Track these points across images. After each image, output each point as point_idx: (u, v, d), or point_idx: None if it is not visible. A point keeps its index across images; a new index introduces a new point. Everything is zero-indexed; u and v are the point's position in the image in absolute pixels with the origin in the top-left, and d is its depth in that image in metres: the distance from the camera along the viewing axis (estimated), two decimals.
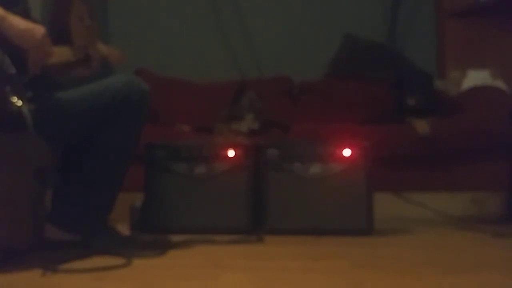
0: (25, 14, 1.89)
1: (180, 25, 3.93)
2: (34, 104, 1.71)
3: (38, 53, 1.78)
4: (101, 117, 1.96)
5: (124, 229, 2.24)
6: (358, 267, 1.76)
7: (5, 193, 1.65)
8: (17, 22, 1.75)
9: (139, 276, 1.63)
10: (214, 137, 2.98)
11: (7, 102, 1.62)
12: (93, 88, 2.00)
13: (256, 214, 2.40)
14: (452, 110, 3.17)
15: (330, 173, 2.39)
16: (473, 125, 2.99)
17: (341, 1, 3.91)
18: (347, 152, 2.39)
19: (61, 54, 2.34)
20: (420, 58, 3.66)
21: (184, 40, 3.92)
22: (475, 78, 3.50)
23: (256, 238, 2.23)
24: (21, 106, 1.63)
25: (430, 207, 2.88)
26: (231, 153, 2.42)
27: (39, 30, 1.77)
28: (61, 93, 1.98)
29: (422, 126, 2.96)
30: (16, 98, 1.64)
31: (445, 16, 3.78)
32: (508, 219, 2.76)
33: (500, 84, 3.42)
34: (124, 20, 3.94)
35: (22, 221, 1.70)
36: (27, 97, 1.67)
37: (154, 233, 2.31)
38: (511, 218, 2.77)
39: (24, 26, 1.76)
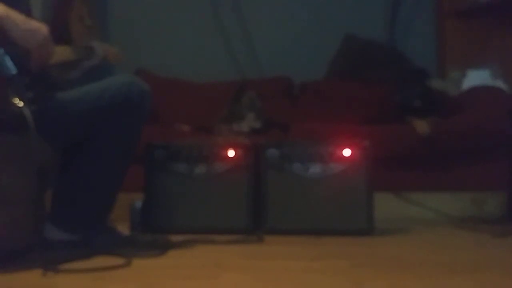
0: (28, 13, 1.88)
1: (180, 25, 3.93)
2: (35, 104, 1.70)
3: (41, 53, 1.77)
4: (101, 117, 1.96)
5: (124, 229, 2.24)
6: (358, 267, 1.76)
7: (5, 193, 1.65)
8: (21, 21, 1.73)
9: (139, 276, 1.63)
10: (214, 137, 2.98)
11: (9, 104, 1.62)
12: (94, 88, 1.99)
13: (256, 214, 2.40)
14: (452, 110, 3.17)
15: (330, 173, 2.39)
16: (473, 125, 2.99)
17: (341, 1, 3.91)
18: (347, 152, 2.39)
19: (61, 53, 2.35)
20: (420, 58, 3.66)
21: (184, 40, 3.92)
22: (475, 78, 3.50)
23: (256, 238, 2.23)
24: (22, 107, 1.63)
25: (430, 207, 2.88)
26: (231, 153, 2.42)
27: (42, 30, 1.76)
28: (61, 94, 1.97)
29: (422, 126, 2.96)
30: (18, 100, 1.63)
31: (445, 16, 3.78)
32: (508, 219, 2.76)
33: (500, 84, 3.42)
34: (124, 20, 3.94)
35: (22, 221, 1.69)
36: (28, 98, 1.67)
37: (154, 233, 2.31)
38: (511, 218, 2.77)
39: (27, 26, 1.73)
